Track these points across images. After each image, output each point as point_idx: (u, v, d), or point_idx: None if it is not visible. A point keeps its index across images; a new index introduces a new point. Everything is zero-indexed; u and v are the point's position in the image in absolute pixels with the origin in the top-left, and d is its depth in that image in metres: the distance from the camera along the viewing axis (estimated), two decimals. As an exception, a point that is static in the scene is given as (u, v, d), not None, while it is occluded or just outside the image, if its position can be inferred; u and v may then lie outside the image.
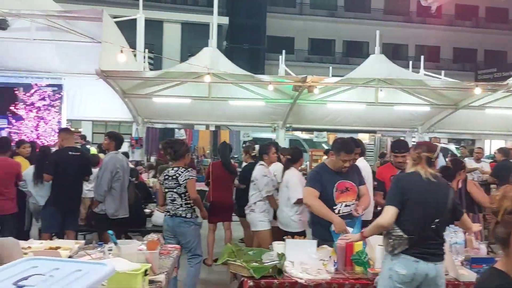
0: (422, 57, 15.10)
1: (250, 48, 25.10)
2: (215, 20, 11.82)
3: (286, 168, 5.16)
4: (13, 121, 10.69)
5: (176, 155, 4.61)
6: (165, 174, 4.69)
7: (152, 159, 13.14)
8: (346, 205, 3.75)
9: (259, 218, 5.21)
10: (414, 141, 11.86)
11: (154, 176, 8.72)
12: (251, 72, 11.22)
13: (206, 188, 6.88)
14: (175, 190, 4.49)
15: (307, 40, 28.60)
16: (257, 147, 6.04)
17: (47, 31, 10.23)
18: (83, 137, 12.12)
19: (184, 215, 4.48)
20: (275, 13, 26.94)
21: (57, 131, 11.04)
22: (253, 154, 6.35)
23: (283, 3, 28.39)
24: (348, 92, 11.26)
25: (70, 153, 5.12)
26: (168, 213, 4.59)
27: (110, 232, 2.99)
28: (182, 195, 4.46)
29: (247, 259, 3.22)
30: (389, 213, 2.86)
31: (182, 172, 4.49)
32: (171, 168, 4.65)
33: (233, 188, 6.62)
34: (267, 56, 25.52)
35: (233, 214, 6.73)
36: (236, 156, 13.57)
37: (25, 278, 1.69)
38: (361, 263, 3.16)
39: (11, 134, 10.11)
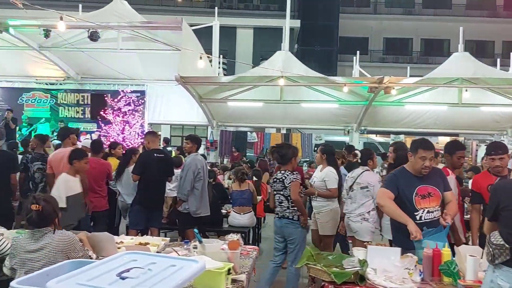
0: (511, 54, 13.88)
1: (321, 50, 24.82)
2: (288, 23, 11.87)
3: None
4: (103, 125, 11.63)
5: (283, 159, 4.72)
6: (274, 177, 4.89)
7: (225, 160, 13.54)
8: (428, 212, 3.53)
9: (371, 229, 4.94)
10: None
11: (230, 178, 8.95)
12: (323, 74, 11.13)
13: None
14: (281, 192, 4.62)
15: (382, 39, 27.64)
16: (357, 152, 5.84)
17: (131, 41, 11.03)
18: (166, 140, 12.79)
19: (291, 217, 4.56)
20: (348, 13, 26.41)
21: (141, 134, 11.87)
22: (354, 160, 6.26)
23: (357, 3, 27.74)
24: (428, 92, 10.71)
25: (155, 155, 5.45)
26: (277, 215, 4.73)
27: (196, 230, 3.13)
28: (288, 197, 4.55)
29: (327, 263, 3.18)
30: (487, 227, 2.72)
31: (287, 175, 4.59)
32: (279, 171, 4.77)
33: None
34: (340, 57, 25.08)
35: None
36: (307, 159, 13.49)
37: (127, 270, 1.83)
38: (450, 273, 2.97)
39: (101, 137, 10.99)
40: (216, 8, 12.75)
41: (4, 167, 4.86)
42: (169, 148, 12.32)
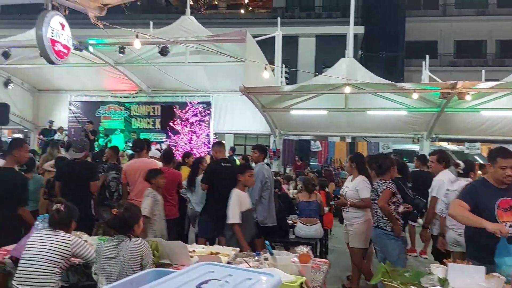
0: None
1: (387, 56, 24.01)
2: (351, 30, 11.65)
3: None
4: (172, 135, 12.14)
5: (381, 169, 4.63)
6: (372, 186, 4.83)
7: (288, 169, 13.49)
8: (511, 226, 3.24)
9: (461, 242, 4.54)
10: None
11: (296, 187, 8.89)
12: (389, 81, 10.73)
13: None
14: (376, 201, 4.55)
15: (452, 42, 26.17)
16: (461, 163, 5.49)
17: (198, 54, 11.45)
18: (233, 149, 13.03)
19: (384, 227, 4.47)
20: (415, 17, 25.34)
21: (207, 143, 12.22)
22: (456, 170, 5.94)
23: (424, 5, 26.54)
24: (506, 97, 9.92)
25: (222, 164, 5.55)
26: (373, 224, 4.67)
27: (267, 242, 3.11)
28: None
29: (404, 280, 3.01)
30: None
31: (381, 185, 4.50)
32: (376, 181, 4.71)
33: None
34: (406, 62, 24.11)
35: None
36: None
37: (205, 282, 1.83)
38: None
39: (170, 146, 11.46)
40: (279, 18, 12.86)
41: (84, 175, 5.18)
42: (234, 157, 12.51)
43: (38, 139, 13.11)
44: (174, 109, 12.15)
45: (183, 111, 12.13)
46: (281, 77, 13.33)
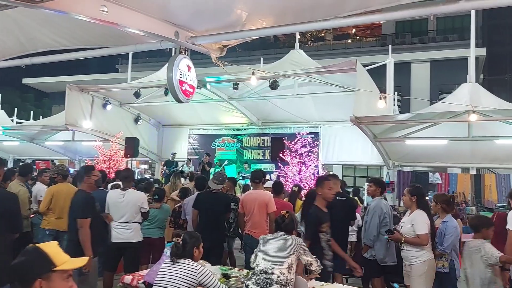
0: None
1: (513, 78, 21.67)
2: (473, 52, 10.74)
3: None
4: (281, 166, 12.30)
5: None
6: None
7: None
8: None
9: None
10: None
11: (413, 223, 8.25)
12: (519, 105, 9.55)
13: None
14: None
15: None
16: None
17: (306, 86, 11.59)
18: (343, 183, 12.72)
19: None
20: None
21: (316, 174, 12.11)
22: None
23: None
24: None
25: (337, 198, 5.39)
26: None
27: (396, 285, 2.88)
28: None
29: None
30: None
31: None
32: None
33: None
34: (538, 84, 21.45)
35: None
36: (504, 204, 11.50)
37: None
38: None
39: (280, 177, 11.61)
40: (390, 46, 12.49)
41: (220, 206, 5.51)
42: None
43: (161, 169, 14.38)
44: (284, 140, 12.35)
45: (292, 142, 12.25)
46: (394, 105, 12.79)
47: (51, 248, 1.71)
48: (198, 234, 3.47)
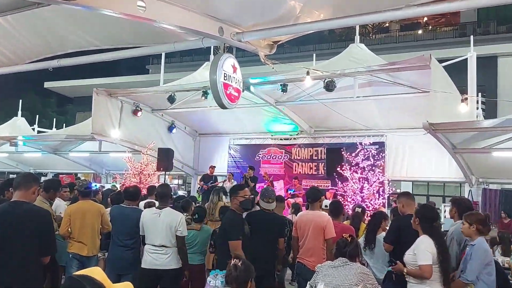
0: None
1: None
2: None
3: None
4: (339, 182, 12.17)
5: None
6: None
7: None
8: None
9: None
10: None
11: (505, 253, 7.93)
12: None
13: None
14: None
15: None
16: None
17: (368, 87, 11.45)
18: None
19: None
20: None
21: (382, 192, 11.91)
22: None
23: None
24: None
25: (410, 221, 5.28)
26: None
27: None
28: None
29: None
30: None
31: None
32: None
33: None
34: None
35: None
36: None
37: None
38: None
39: (338, 196, 11.48)
40: (471, 36, 12.12)
41: (274, 229, 5.46)
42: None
43: (198, 185, 14.63)
44: (342, 152, 12.22)
45: (352, 154, 12.11)
46: (477, 109, 12.39)
47: (99, 276, 1.79)
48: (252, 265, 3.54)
